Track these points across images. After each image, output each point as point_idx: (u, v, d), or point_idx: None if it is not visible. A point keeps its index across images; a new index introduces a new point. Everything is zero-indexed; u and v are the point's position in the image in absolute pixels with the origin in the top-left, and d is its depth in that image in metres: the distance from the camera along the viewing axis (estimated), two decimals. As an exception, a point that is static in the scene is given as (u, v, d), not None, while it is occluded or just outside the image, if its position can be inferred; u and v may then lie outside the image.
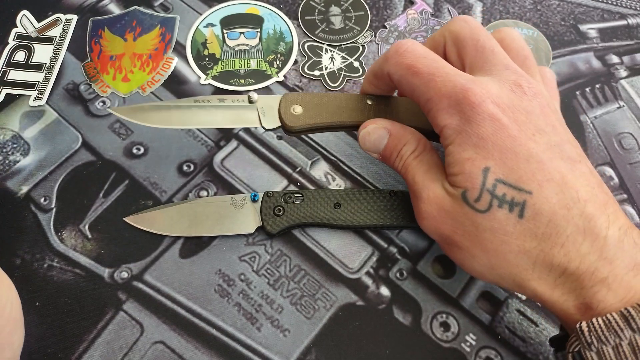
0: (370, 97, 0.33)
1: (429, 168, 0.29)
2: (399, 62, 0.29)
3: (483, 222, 0.26)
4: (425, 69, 0.28)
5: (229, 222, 0.34)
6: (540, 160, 0.25)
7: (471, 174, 0.26)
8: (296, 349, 0.31)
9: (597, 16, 0.45)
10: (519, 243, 0.25)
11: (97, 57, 0.42)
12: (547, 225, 0.25)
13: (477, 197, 0.26)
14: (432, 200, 0.28)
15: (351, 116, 0.33)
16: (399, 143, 0.31)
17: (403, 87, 0.30)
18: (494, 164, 0.26)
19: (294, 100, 0.33)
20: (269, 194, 0.34)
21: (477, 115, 0.26)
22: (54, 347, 0.31)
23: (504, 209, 0.26)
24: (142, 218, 0.35)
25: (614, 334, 0.22)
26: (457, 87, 0.27)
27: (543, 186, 0.25)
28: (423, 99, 0.28)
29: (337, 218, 0.34)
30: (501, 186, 0.26)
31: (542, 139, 0.26)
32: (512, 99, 0.27)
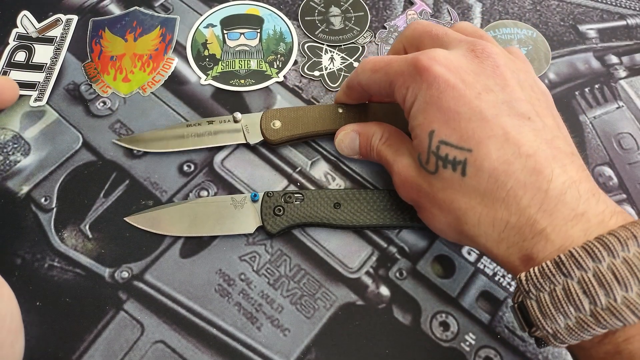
0: (341, 107, 0.37)
1: (398, 147, 0.32)
2: (364, 69, 0.32)
3: (435, 183, 0.28)
4: (383, 63, 0.31)
5: (229, 222, 0.34)
6: (483, 118, 0.26)
7: (420, 139, 0.28)
8: (296, 348, 0.31)
9: (596, 16, 0.45)
10: (465, 200, 0.27)
11: (97, 57, 0.42)
12: (488, 180, 0.26)
13: (426, 159, 0.28)
14: (401, 170, 0.31)
15: (325, 125, 0.37)
16: (368, 138, 0.34)
17: (372, 87, 0.32)
18: (438, 126, 0.27)
19: (273, 116, 0.37)
20: (269, 194, 0.34)
21: (425, 81, 0.28)
22: (54, 347, 0.31)
23: (448, 168, 0.27)
24: (142, 218, 0.35)
25: (548, 281, 0.23)
26: (409, 60, 0.29)
27: (483, 143, 0.26)
28: (386, 86, 0.31)
29: (337, 218, 0.34)
30: (444, 147, 0.27)
31: (489, 96, 0.27)
32: (462, 61, 0.28)
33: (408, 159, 0.31)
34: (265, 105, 0.40)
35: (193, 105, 0.40)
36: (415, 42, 0.32)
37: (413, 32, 0.33)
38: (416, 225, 0.34)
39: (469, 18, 0.45)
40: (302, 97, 0.40)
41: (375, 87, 0.32)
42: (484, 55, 0.28)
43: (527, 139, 0.26)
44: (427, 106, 0.28)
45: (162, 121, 0.39)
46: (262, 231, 0.34)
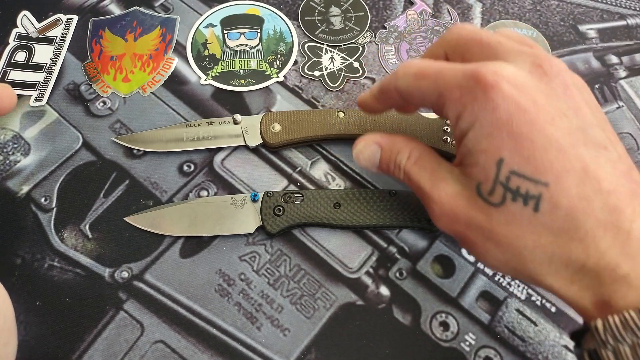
0: (342, 111, 0.37)
1: (433, 170, 0.28)
2: (407, 73, 0.28)
3: (497, 216, 0.25)
4: (432, 70, 0.27)
5: (229, 222, 0.34)
6: (559, 148, 0.23)
7: (485, 167, 0.25)
8: (296, 348, 0.31)
9: (596, 16, 0.45)
10: (534, 238, 0.24)
11: (97, 57, 0.42)
12: (565, 219, 0.23)
13: (490, 190, 0.25)
14: (445, 199, 0.27)
15: (325, 130, 0.37)
16: (392, 154, 0.30)
17: (413, 95, 0.28)
18: (509, 154, 0.24)
19: (273, 119, 0.37)
20: (269, 194, 0.34)
21: (491, 100, 0.24)
22: (54, 347, 0.31)
23: (518, 202, 0.24)
24: (142, 218, 0.35)
25: (630, 333, 0.21)
26: (468, 73, 0.25)
27: (561, 177, 0.23)
28: (434, 98, 0.27)
29: (337, 218, 0.34)
30: (515, 178, 0.24)
31: (563, 123, 0.24)
32: (530, 80, 0.25)
33: (454, 187, 0.27)
34: (265, 106, 0.40)
35: (193, 105, 0.40)
36: (461, 49, 0.28)
37: (458, 37, 0.28)
38: (416, 225, 0.34)
39: (469, 18, 0.45)
40: (302, 97, 0.40)
41: (417, 96, 0.28)
42: (552, 73, 0.25)
43: (606, 172, 0.23)
44: (494, 130, 0.24)
45: (162, 121, 0.39)
46: (262, 231, 0.34)
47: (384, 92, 0.30)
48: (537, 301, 0.33)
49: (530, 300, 0.33)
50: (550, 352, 0.31)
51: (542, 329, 0.32)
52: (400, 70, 0.28)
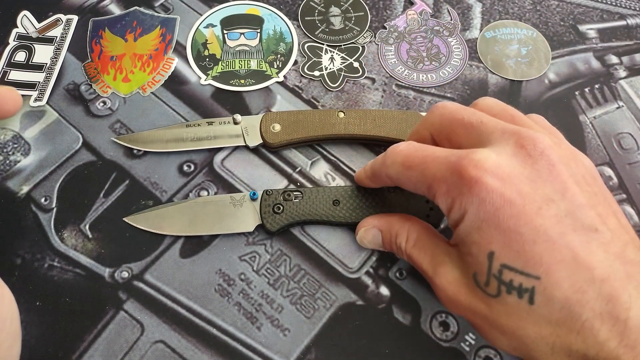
0: (342, 111, 0.37)
1: (432, 253, 0.28)
2: (394, 161, 0.28)
3: (497, 307, 0.25)
4: (418, 160, 0.27)
5: (228, 221, 0.34)
6: (548, 239, 0.23)
7: (478, 259, 0.25)
8: (296, 348, 0.31)
9: (596, 16, 0.45)
10: (535, 329, 0.24)
11: (97, 57, 0.42)
12: (561, 311, 0.23)
13: (485, 281, 0.25)
14: (446, 286, 0.27)
15: (324, 130, 0.37)
16: (391, 237, 0.31)
17: (404, 184, 0.29)
18: (499, 247, 0.24)
19: (273, 119, 0.37)
20: (268, 192, 0.34)
21: (476, 195, 0.24)
22: (54, 347, 0.31)
23: (513, 294, 0.24)
24: (142, 218, 0.35)
25: None
26: (451, 167, 0.25)
27: (552, 269, 0.23)
28: (425, 189, 0.27)
29: (337, 215, 0.34)
30: (507, 272, 0.24)
31: (551, 210, 0.24)
32: (514, 166, 0.25)
33: (453, 273, 0.27)
34: (265, 106, 0.40)
35: (193, 105, 0.40)
36: (445, 131, 0.28)
37: (441, 119, 0.29)
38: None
39: (469, 18, 0.45)
40: (302, 97, 0.40)
41: (409, 185, 0.28)
42: (536, 153, 0.25)
43: (598, 258, 0.23)
44: (482, 224, 0.24)
45: (162, 121, 0.39)
46: (262, 229, 0.34)
47: (376, 176, 0.31)
48: (537, 301, 0.33)
49: (530, 300, 0.33)
50: None
51: (542, 329, 0.32)
52: (389, 157, 0.29)
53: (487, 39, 0.44)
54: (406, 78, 0.41)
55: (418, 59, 0.43)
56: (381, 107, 0.40)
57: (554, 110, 0.40)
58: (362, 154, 0.38)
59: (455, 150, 0.26)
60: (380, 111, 0.38)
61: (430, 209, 0.34)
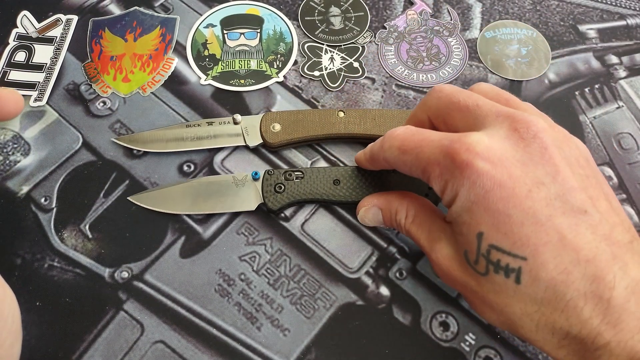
0: (342, 111, 0.37)
1: (429, 229, 0.29)
2: (391, 146, 0.29)
3: (486, 284, 0.26)
4: (412, 144, 0.28)
5: (230, 200, 0.35)
6: (536, 222, 0.24)
7: (467, 238, 0.26)
8: (296, 348, 0.31)
9: (596, 16, 0.45)
10: (521, 306, 0.25)
11: (97, 57, 0.42)
12: (546, 291, 0.24)
13: (474, 260, 0.26)
14: (441, 261, 0.28)
15: (324, 129, 0.37)
16: (391, 214, 0.32)
17: (400, 167, 0.29)
18: (487, 229, 0.25)
19: (273, 119, 0.37)
20: (270, 172, 0.35)
21: (467, 178, 0.25)
22: (54, 347, 0.31)
23: (500, 274, 0.25)
24: (146, 197, 0.35)
25: None
26: (443, 150, 0.26)
27: (539, 251, 0.24)
28: (419, 172, 0.28)
29: (337, 194, 0.34)
30: (495, 252, 0.25)
31: (540, 193, 0.24)
32: (506, 149, 0.25)
33: (448, 249, 0.28)
34: (265, 106, 0.40)
35: (193, 105, 0.40)
36: (442, 114, 0.29)
37: (438, 102, 0.29)
38: None
39: (469, 18, 0.45)
40: (302, 97, 0.40)
41: (405, 169, 0.29)
42: (529, 136, 0.25)
43: (585, 240, 0.24)
44: (472, 205, 0.25)
45: (162, 121, 0.39)
46: (264, 208, 0.35)
47: (374, 159, 0.32)
48: (537, 301, 0.33)
49: (530, 300, 0.33)
50: None
51: (542, 329, 0.32)
52: (386, 141, 0.29)
53: (487, 39, 0.44)
54: (406, 78, 0.41)
55: (418, 59, 0.43)
56: (381, 107, 0.40)
57: (554, 110, 0.40)
58: (362, 154, 0.38)
59: (449, 134, 0.27)
60: (380, 110, 0.38)
61: (429, 187, 0.34)
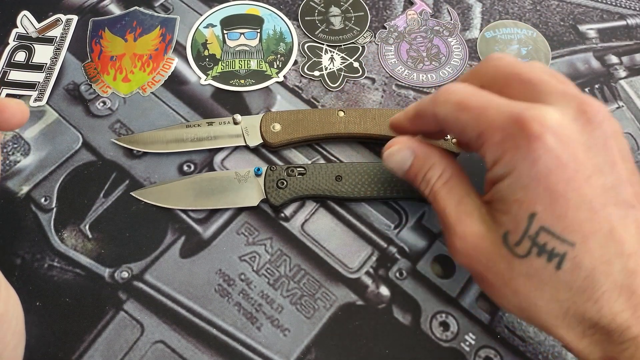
0: (342, 110, 0.37)
1: (461, 199, 0.27)
2: (447, 100, 0.26)
3: (519, 267, 0.25)
4: (474, 103, 0.26)
5: (233, 196, 0.35)
6: (591, 208, 0.24)
7: (516, 217, 0.24)
8: (296, 348, 0.31)
9: (596, 16, 0.45)
10: (552, 292, 0.24)
11: (97, 57, 0.42)
12: (585, 279, 0.24)
13: (517, 241, 0.25)
14: (468, 237, 0.26)
15: (325, 129, 0.37)
16: (423, 166, 0.29)
17: (451, 125, 0.27)
18: (542, 209, 0.24)
19: (274, 119, 0.37)
20: (272, 168, 0.35)
21: (532, 151, 0.24)
22: (54, 347, 0.31)
23: (543, 257, 0.24)
24: (148, 192, 0.35)
25: None
26: (513, 117, 0.24)
27: (588, 238, 0.23)
28: (474, 135, 0.26)
29: (339, 190, 0.34)
30: (544, 234, 0.24)
31: (599, 181, 0.24)
32: (574, 130, 0.24)
33: (479, 227, 0.26)
34: (265, 106, 0.40)
35: (193, 105, 0.40)
36: (499, 84, 0.27)
37: (495, 70, 0.27)
38: (417, 196, 0.34)
39: (469, 18, 0.45)
40: (302, 97, 0.40)
41: (456, 128, 0.26)
42: (596, 122, 0.24)
43: (630, 234, 0.24)
44: (531, 182, 0.24)
45: (162, 121, 0.39)
46: (266, 204, 0.35)
47: (420, 116, 0.29)
48: (537, 301, 0.33)
49: (530, 300, 0.33)
50: (550, 352, 0.31)
51: (542, 329, 0.32)
52: (441, 95, 0.27)
53: (487, 39, 0.44)
54: (406, 78, 0.41)
55: (418, 59, 0.43)
56: (381, 107, 0.40)
57: (554, 110, 0.40)
58: (362, 153, 0.38)
59: (518, 102, 0.25)
60: (380, 110, 0.38)
61: None
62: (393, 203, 0.36)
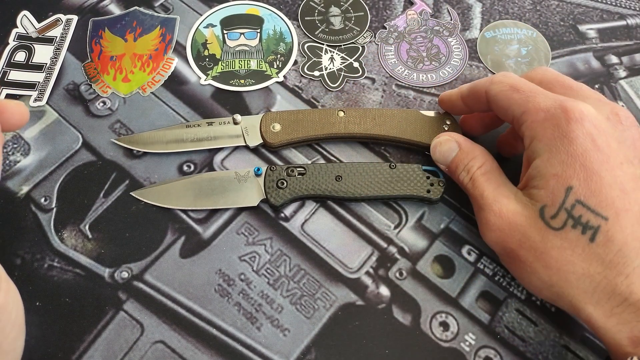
0: (342, 110, 0.37)
1: (498, 185, 0.30)
2: (502, 81, 0.31)
3: (553, 240, 0.27)
4: (527, 88, 0.30)
5: (233, 196, 0.35)
6: (623, 189, 0.26)
7: (553, 191, 0.27)
8: (296, 348, 0.31)
9: (596, 16, 0.45)
10: (584, 266, 0.26)
11: (97, 57, 0.42)
12: (617, 253, 0.25)
13: (554, 214, 0.27)
14: (504, 214, 0.29)
15: (325, 129, 0.37)
16: (467, 157, 0.32)
17: (501, 103, 0.31)
18: (578, 184, 0.26)
19: (274, 119, 0.37)
20: (272, 168, 0.35)
21: (572, 132, 0.27)
22: (54, 347, 0.31)
23: (577, 230, 0.26)
24: (148, 192, 0.35)
25: None
26: (557, 103, 0.28)
27: (620, 215, 0.26)
28: (519, 112, 0.29)
29: (339, 190, 0.34)
30: (579, 207, 0.26)
31: (629, 169, 0.27)
32: (607, 125, 0.28)
33: (515, 204, 0.29)
34: (265, 106, 0.40)
35: (193, 105, 0.40)
36: (545, 86, 0.31)
37: (542, 76, 0.32)
38: (415, 196, 0.34)
39: (469, 18, 0.45)
40: (302, 97, 0.40)
41: (503, 105, 0.30)
42: (627, 123, 0.28)
43: None
44: (568, 158, 0.27)
45: (162, 121, 0.39)
46: (266, 204, 0.35)
47: (474, 92, 0.33)
48: (537, 301, 0.33)
49: (530, 300, 0.33)
50: (551, 352, 0.31)
51: (542, 329, 0.32)
52: (498, 77, 0.31)
53: (487, 39, 0.44)
54: (406, 78, 0.41)
55: (418, 59, 0.43)
56: (381, 107, 0.40)
57: (554, 110, 0.40)
58: (362, 153, 0.38)
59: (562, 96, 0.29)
60: (380, 110, 0.38)
61: (430, 184, 0.35)
62: (393, 203, 0.36)
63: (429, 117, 0.37)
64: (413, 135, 0.37)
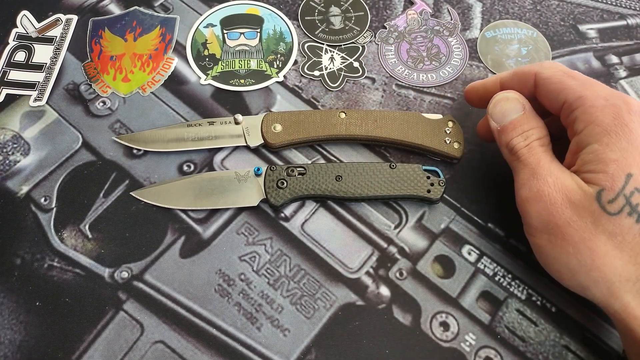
0: (343, 112, 0.37)
1: (553, 160, 0.30)
2: (554, 67, 0.31)
3: (606, 224, 0.27)
4: (583, 76, 0.30)
5: (233, 195, 0.35)
6: None
7: (614, 176, 0.27)
8: (296, 348, 0.31)
9: (596, 16, 0.45)
10: (632, 254, 0.26)
11: (97, 57, 0.42)
12: None
13: (612, 198, 0.27)
14: (559, 187, 0.28)
15: (326, 130, 0.37)
16: (529, 123, 0.31)
17: (552, 84, 0.30)
18: (638, 172, 0.27)
19: (275, 119, 0.37)
20: (272, 168, 0.35)
21: (633, 123, 0.27)
22: (54, 347, 0.31)
23: (633, 217, 0.26)
24: (148, 192, 0.35)
25: None
26: (617, 93, 0.29)
27: None
28: (573, 97, 0.29)
29: (339, 190, 0.34)
30: (638, 195, 0.26)
31: None
32: None
33: (571, 181, 0.28)
34: (265, 105, 0.40)
35: (193, 105, 0.40)
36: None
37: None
38: (415, 195, 0.34)
39: (469, 18, 0.45)
40: (302, 97, 0.40)
41: (555, 88, 0.30)
42: None
43: None
44: (630, 146, 0.27)
45: (162, 121, 0.39)
46: (266, 204, 0.35)
47: (520, 75, 0.32)
48: (538, 301, 0.33)
49: (530, 301, 0.33)
50: (551, 352, 0.31)
51: (542, 329, 0.32)
52: (548, 63, 0.32)
53: (487, 38, 0.44)
54: (406, 78, 0.41)
55: (418, 58, 0.43)
56: (381, 107, 0.40)
57: (554, 110, 0.40)
58: (363, 154, 0.38)
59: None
60: (382, 112, 0.38)
61: (430, 184, 0.35)
62: (393, 203, 0.36)
63: (430, 119, 0.37)
64: (414, 138, 0.37)
